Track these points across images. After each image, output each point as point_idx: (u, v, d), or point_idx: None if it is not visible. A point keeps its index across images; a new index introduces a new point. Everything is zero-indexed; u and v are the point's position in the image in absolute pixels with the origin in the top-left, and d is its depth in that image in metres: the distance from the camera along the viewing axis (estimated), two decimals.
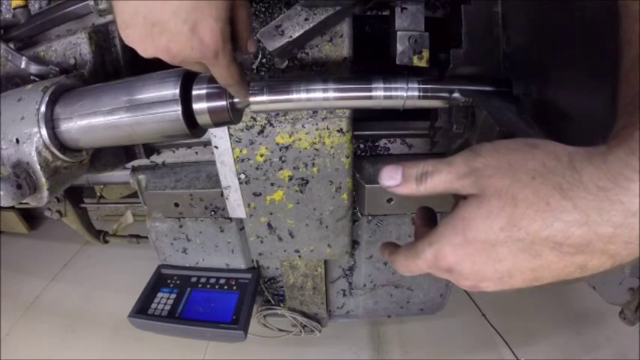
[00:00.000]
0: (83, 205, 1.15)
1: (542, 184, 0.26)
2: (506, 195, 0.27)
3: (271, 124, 0.70)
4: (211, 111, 0.47)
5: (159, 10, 0.35)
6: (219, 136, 0.72)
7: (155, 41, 0.37)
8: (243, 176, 0.77)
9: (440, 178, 0.31)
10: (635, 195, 0.23)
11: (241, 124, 0.70)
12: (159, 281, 1.01)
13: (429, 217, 0.40)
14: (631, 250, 0.24)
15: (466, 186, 0.29)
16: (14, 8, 0.70)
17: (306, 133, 0.71)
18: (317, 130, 0.70)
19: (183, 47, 0.37)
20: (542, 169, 0.26)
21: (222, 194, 0.82)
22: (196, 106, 0.47)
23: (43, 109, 0.52)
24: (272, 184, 0.77)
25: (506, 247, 0.27)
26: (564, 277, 0.28)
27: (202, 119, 0.48)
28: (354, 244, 0.96)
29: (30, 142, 0.52)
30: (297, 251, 0.90)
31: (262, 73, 0.67)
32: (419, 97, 0.54)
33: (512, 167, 0.28)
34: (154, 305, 0.95)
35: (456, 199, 0.36)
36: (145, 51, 0.39)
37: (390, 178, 0.33)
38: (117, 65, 0.69)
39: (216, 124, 0.49)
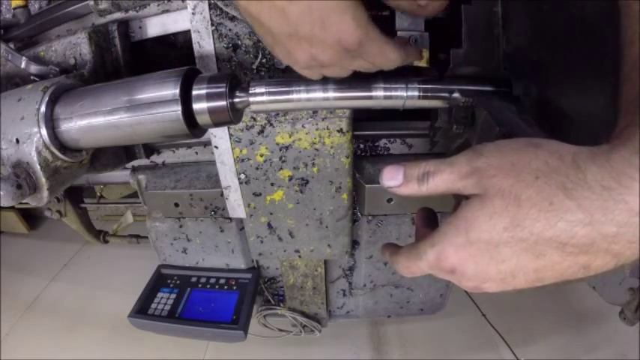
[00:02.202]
0: (83, 205, 1.15)
1: (545, 184, 0.26)
2: (509, 195, 0.27)
3: (271, 124, 0.70)
4: (211, 111, 0.47)
5: (284, 22, 0.34)
6: (219, 136, 0.72)
7: (300, 51, 0.36)
8: (243, 176, 0.77)
9: (442, 178, 0.31)
10: (638, 194, 0.23)
11: (241, 124, 0.70)
12: (159, 281, 1.01)
13: (430, 217, 0.40)
14: (635, 250, 0.24)
15: (468, 186, 0.29)
16: (14, 8, 0.70)
17: (306, 133, 0.71)
18: (317, 130, 0.70)
19: (324, 48, 0.35)
20: (545, 169, 0.26)
21: (222, 194, 0.82)
22: (196, 106, 0.47)
23: (43, 109, 0.52)
24: (272, 184, 0.77)
25: (509, 247, 0.27)
26: (568, 278, 0.27)
27: (202, 119, 0.48)
28: (354, 244, 0.96)
29: (30, 142, 0.52)
30: (297, 251, 0.90)
31: (262, 73, 0.67)
32: (419, 97, 0.54)
33: (516, 167, 0.27)
34: (154, 305, 0.95)
35: (457, 200, 0.36)
36: (297, 63, 0.38)
37: (392, 178, 0.33)
38: (117, 65, 0.69)
39: (217, 124, 0.49)
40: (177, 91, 0.46)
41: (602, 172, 0.24)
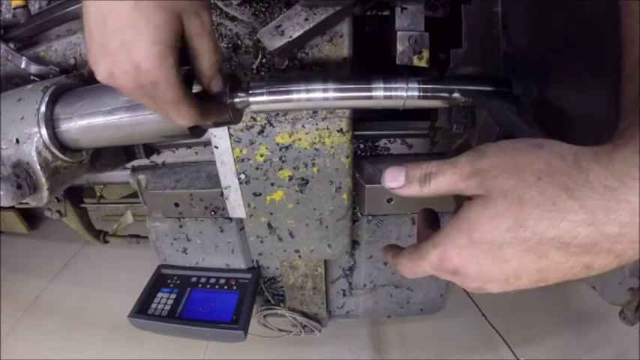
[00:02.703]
0: (83, 205, 1.15)
1: (548, 184, 0.26)
2: (512, 195, 0.27)
3: (271, 124, 0.70)
4: None
5: (102, 30, 0.32)
6: (219, 136, 0.72)
7: (102, 64, 0.34)
8: (243, 176, 0.77)
9: (444, 179, 0.31)
10: None
11: (241, 124, 0.70)
12: (159, 281, 1.01)
13: (432, 218, 0.40)
14: (637, 249, 0.24)
15: (471, 187, 0.29)
16: (14, 8, 0.70)
17: (306, 133, 0.71)
18: (317, 130, 0.70)
19: (122, 72, 0.33)
20: (548, 169, 0.26)
21: (222, 194, 0.82)
22: None
23: (43, 109, 0.52)
24: (272, 184, 0.77)
25: (512, 247, 0.27)
26: (570, 278, 0.27)
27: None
28: (354, 244, 0.96)
29: (30, 142, 0.52)
30: (297, 251, 0.90)
31: (262, 73, 0.67)
32: (419, 97, 0.54)
33: (518, 167, 0.27)
34: (154, 305, 0.95)
35: (458, 201, 0.36)
36: (98, 73, 0.35)
37: (394, 179, 0.33)
38: None
39: (217, 124, 0.49)
40: None
41: (605, 172, 0.24)
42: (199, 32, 0.35)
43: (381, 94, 0.53)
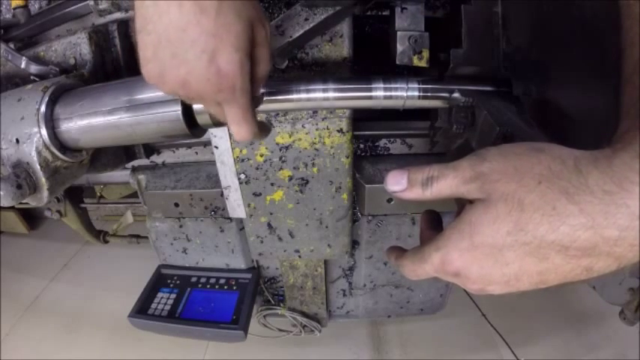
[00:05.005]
0: (83, 205, 1.15)
1: (548, 189, 0.26)
2: (512, 199, 0.27)
3: (271, 124, 0.70)
4: None
5: (179, 40, 0.32)
6: (219, 136, 0.72)
7: (174, 73, 0.34)
8: (243, 176, 0.77)
9: (446, 183, 0.31)
10: (639, 198, 0.23)
11: None
12: (159, 281, 1.01)
13: (434, 220, 0.40)
14: (636, 252, 0.25)
15: (472, 190, 0.30)
16: (14, 8, 0.70)
17: (306, 133, 0.71)
18: (317, 130, 0.70)
19: (200, 79, 0.34)
20: (548, 174, 0.27)
21: (222, 194, 0.82)
22: (196, 105, 0.47)
23: (43, 109, 0.52)
24: (272, 184, 0.77)
25: (513, 251, 0.27)
26: (570, 280, 0.28)
27: (202, 119, 0.48)
28: (354, 244, 0.96)
29: (30, 142, 0.52)
30: (297, 251, 0.90)
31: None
32: (419, 97, 0.54)
33: (519, 172, 0.28)
34: (154, 305, 0.95)
35: (459, 204, 0.36)
36: (165, 85, 0.36)
37: (396, 183, 0.34)
38: (117, 65, 0.69)
39: (216, 124, 0.49)
40: None
41: (604, 177, 0.25)
42: (263, 42, 0.37)
43: (381, 94, 0.54)
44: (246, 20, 0.34)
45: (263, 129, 0.44)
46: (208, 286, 0.99)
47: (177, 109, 0.46)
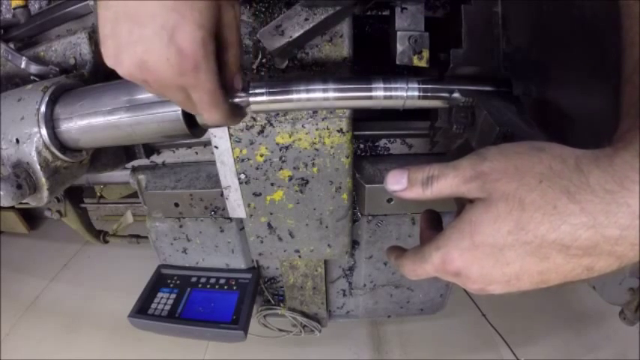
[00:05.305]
0: (83, 205, 1.15)
1: (549, 188, 0.26)
2: (513, 199, 0.27)
3: (271, 124, 0.70)
4: None
5: (136, 14, 0.30)
6: (219, 136, 0.72)
7: (130, 52, 0.31)
8: (243, 176, 0.77)
9: (446, 182, 0.31)
10: None
11: (241, 124, 0.70)
12: (159, 281, 1.01)
13: (434, 219, 0.40)
14: (637, 251, 0.25)
15: (473, 190, 0.29)
16: (14, 8, 0.70)
17: (306, 133, 0.71)
18: (317, 130, 0.70)
19: (159, 59, 0.31)
20: (549, 173, 0.27)
21: (222, 194, 0.82)
22: None
23: (43, 109, 0.52)
24: (272, 184, 0.77)
25: (513, 250, 0.27)
26: (571, 279, 0.28)
27: (202, 119, 0.48)
28: (354, 244, 0.96)
29: (30, 142, 0.52)
30: (297, 251, 0.90)
31: (262, 73, 0.67)
32: (419, 97, 0.54)
33: (519, 171, 0.28)
34: (154, 305, 0.95)
35: (459, 204, 0.36)
36: (121, 66, 0.33)
37: (396, 182, 0.33)
38: None
39: (217, 124, 0.49)
40: None
41: (605, 176, 0.25)
42: (231, 23, 0.35)
43: (381, 94, 0.53)
44: None
45: (236, 113, 0.41)
46: (208, 286, 0.99)
47: (177, 109, 0.46)
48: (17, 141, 0.53)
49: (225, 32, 0.35)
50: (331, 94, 0.53)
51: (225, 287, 0.98)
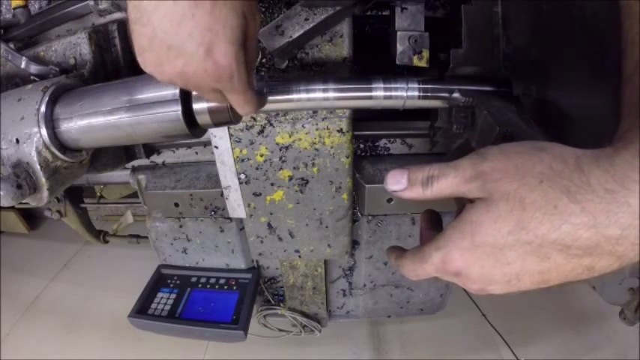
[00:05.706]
0: (83, 205, 1.15)
1: (549, 188, 0.26)
2: (514, 198, 0.27)
3: (271, 124, 0.70)
4: (211, 111, 0.47)
5: (175, 33, 0.33)
6: (219, 136, 0.72)
7: (171, 65, 0.35)
8: (243, 176, 0.77)
9: (446, 182, 0.31)
10: None
11: (241, 124, 0.70)
12: (159, 281, 1.01)
13: (434, 220, 0.40)
14: (638, 251, 0.25)
15: (473, 190, 0.29)
16: (14, 8, 0.70)
17: (306, 133, 0.71)
18: (317, 130, 0.70)
19: (198, 70, 0.35)
20: (549, 173, 0.27)
21: (222, 194, 0.82)
22: (196, 105, 0.47)
23: (43, 109, 0.52)
24: (272, 184, 0.77)
25: (514, 250, 0.27)
26: (572, 279, 0.28)
27: (202, 119, 0.48)
28: (354, 244, 0.96)
29: (30, 142, 0.52)
30: (297, 251, 0.90)
31: (262, 73, 0.67)
32: (419, 97, 0.54)
33: (520, 171, 0.28)
34: (154, 305, 0.95)
35: (459, 203, 0.36)
36: (162, 75, 0.37)
37: (396, 182, 0.34)
38: (117, 65, 0.69)
39: (217, 124, 0.49)
40: (177, 90, 0.46)
41: (606, 176, 0.25)
42: (254, 33, 0.38)
43: (381, 94, 0.54)
44: (240, 13, 0.34)
45: (262, 101, 0.46)
46: (208, 286, 0.99)
47: (177, 109, 0.46)
48: (17, 141, 0.53)
49: (249, 42, 0.38)
50: (331, 94, 0.53)
51: (225, 287, 0.98)
